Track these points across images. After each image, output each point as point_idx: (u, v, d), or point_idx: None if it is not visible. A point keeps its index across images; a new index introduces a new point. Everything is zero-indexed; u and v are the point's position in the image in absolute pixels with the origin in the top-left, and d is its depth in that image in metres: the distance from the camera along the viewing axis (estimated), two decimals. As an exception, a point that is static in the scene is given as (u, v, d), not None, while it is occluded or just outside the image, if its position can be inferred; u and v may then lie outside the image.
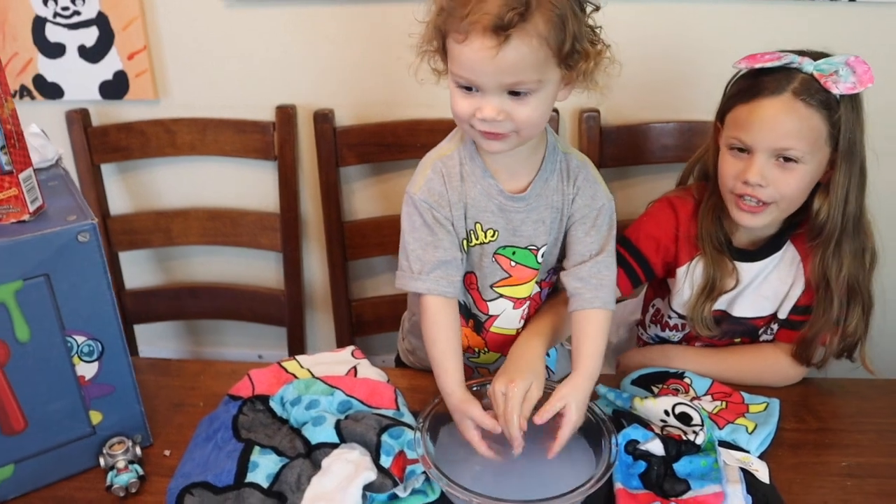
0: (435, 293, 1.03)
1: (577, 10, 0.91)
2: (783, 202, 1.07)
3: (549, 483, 0.89)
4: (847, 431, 1.07)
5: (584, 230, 1.08)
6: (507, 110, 0.92)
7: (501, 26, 0.86)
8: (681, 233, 1.19)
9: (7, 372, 0.93)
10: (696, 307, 1.17)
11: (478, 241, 1.07)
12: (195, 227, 1.72)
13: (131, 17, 1.57)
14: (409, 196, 1.06)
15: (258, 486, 0.91)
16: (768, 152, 1.04)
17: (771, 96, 1.03)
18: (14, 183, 0.90)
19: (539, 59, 0.90)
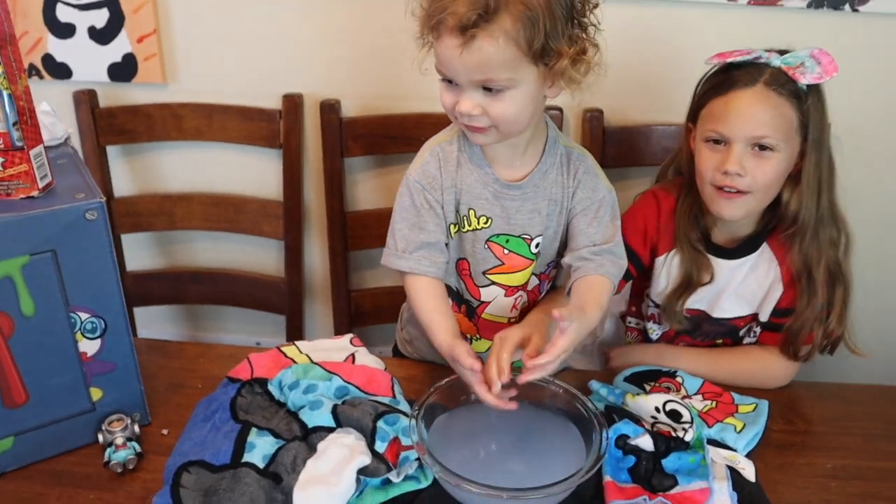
0: (417, 272, 1.07)
1: (559, 9, 0.93)
2: (759, 192, 1.11)
3: (540, 472, 0.91)
4: (834, 434, 1.09)
5: (587, 221, 1.10)
6: (483, 105, 0.96)
7: (465, 26, 0.89)
8: (661, 224, 1.22)
9: (11, 345, 0.94)
10: (671, 300, 1.20)
11: (470, 227, 1.10)
12: (198, 212, 1.73)
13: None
14: (405, 177, 1.10)
15: (254, 466, 0.93)
16: (745, 141, 1.08)
17: (744, 88, 1.08)
18: (25, 159, 0.92)
19: (507, 58, 0.92)
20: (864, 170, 1.51)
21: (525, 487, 0.86)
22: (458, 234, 1.11)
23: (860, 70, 1.44)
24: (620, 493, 0.93)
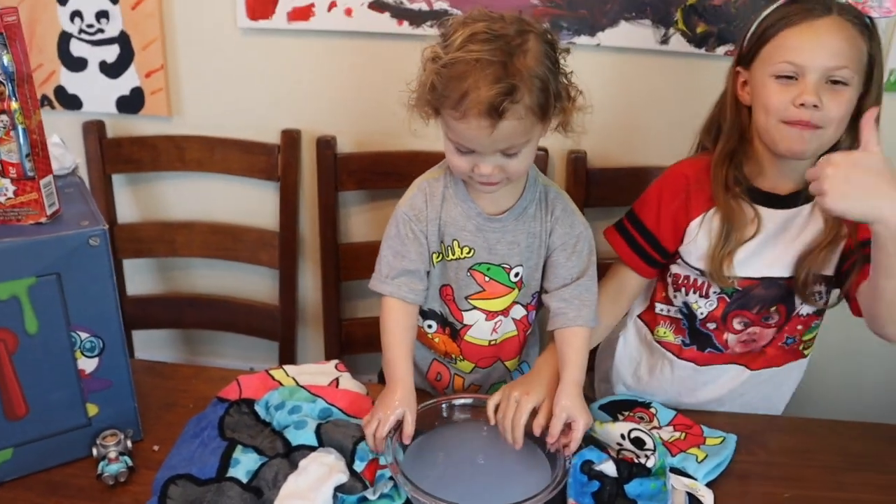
0: (396, 296, 1.15)
1: (553, 67, 1.02)
2: (831, 127, 1.07)
3: (507, 492, 0.96)
4: (793, 466, 1.14)
5: (566, 256, 1.17)
6: (501, 165, 1.05)
7: (494, 110, 0.96)
8: (692, 185, 1.20)
9: (14, 361, 1.00)
10: (715, 258, 1.16)
11: (454, 256, 1.17)
12: (198, 240, 1.80)
13: (152, 37, 1.67)
14: (395, 209, 1.18)
15: (238, 481, 0.99)
16: (821, 72, 1.05)
17: (820, 17, 1.05)
18: (35, 188, 0.99)
19: (527, 125, 1.01)
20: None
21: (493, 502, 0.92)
22: (443, 262, 1.18)
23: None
24: (584, 515, 0.99)
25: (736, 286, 1.20)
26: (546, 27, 1.06)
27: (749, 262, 1.19)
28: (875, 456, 1.16)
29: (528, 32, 1.01)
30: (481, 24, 1.00)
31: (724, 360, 1.29)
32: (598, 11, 1.54)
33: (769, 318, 1.24)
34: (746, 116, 1.18)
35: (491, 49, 0.98)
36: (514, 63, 0.98)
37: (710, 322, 1.25)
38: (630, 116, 1.63)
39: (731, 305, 1.23)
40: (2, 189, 0.98)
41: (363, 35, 1.61)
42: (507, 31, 1.00)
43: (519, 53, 0.99)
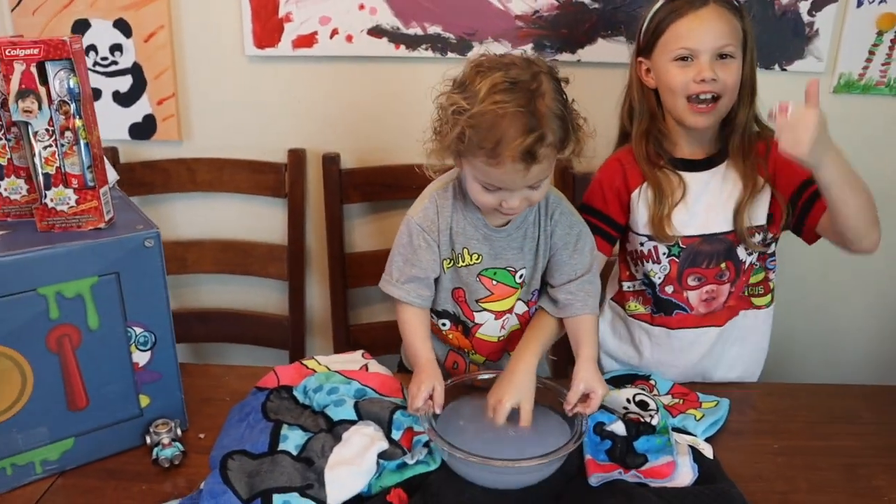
0: (405, 301, 1.26)
1: (564, 101, 1.12)
2: (727, 95, 1.27)
3: (530, 450, 1.07)
4: (780, 422, 1.28)
5: (568, 254, 1.28)
6: (527, 197, 1.15)
7: (530, 155, 1.06)
8: (626, 166, 1.38)
9: (77, 355, 1.10)
10: (655, 221, 1.34)
11: (464, 263, 1.28)
12: (209, 257, 1.90)
13: (164, 67, 1.78)
14: (407, 218, 1.28)
15: (289, 454, 1.09)
16: (710, 52, 1.25)
17: (702, 7, 1.26)
18: (95, 196, 1.10)
19: (552, 161, 1.13)
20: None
21: (522, 458, 1.03)
22: (454, 268, 1.29)
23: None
24: (599, 468, 1.10)
25: (681, 244, 1.36)
26: (550, 63, 1.15)
27: (686, 222, 1.36)
28: (850, 410, 1.31)
29: (540, 73, 1.10)
30: (499, 74, 1.08)
31: (693, 321, 1.41)
32: (577, 30, 1.69)
33: (722, 276, 1.39)
34: (653, 98, 1.37)
35: (515, 98, 1.06)
36: (537, 108, 1.07)
37: (668, 285, 1.40)
38: (610, 125, 1.76)
39: (683, 264, 1.38)
40: (65, 198, 1.09)
41: (363, 59, 1.74)
42: (523, 77, 1.08)
43: (538, 97, 1.07)
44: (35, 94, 1.04)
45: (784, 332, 1.73)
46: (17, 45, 1.02)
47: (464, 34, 1.70)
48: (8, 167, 1.13)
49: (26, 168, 1.13)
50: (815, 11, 1.64)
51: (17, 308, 1.03)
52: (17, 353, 1.05)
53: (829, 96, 1.71)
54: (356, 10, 1.69)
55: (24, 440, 1.09)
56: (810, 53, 1.67)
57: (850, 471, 1.16)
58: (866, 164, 1.74)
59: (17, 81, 1.03)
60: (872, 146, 1.74)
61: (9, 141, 1.11)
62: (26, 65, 1.03)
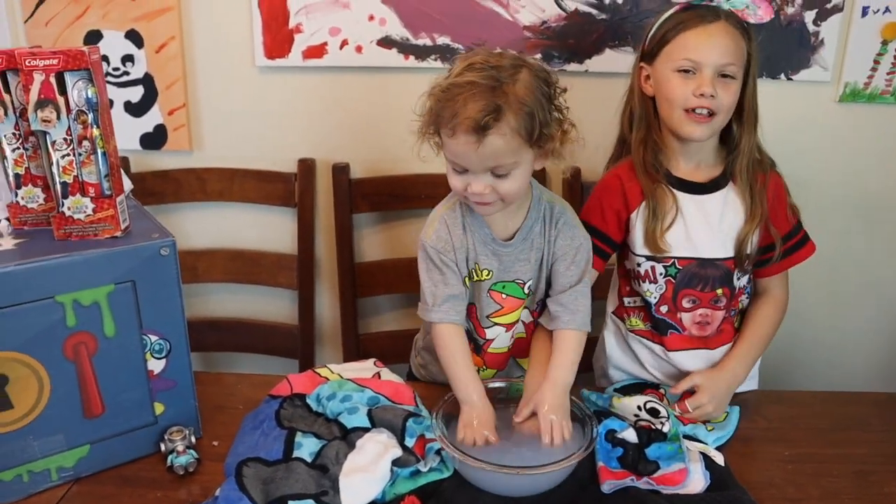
0: (445, 321, 1.24)
1: (545, 100, 1.14)
2: (722, 113, 1.28)
3: (542, 458, 1.08)
4: (789, 429, 1.28)
5: (566, 265, 1.29)
6: (492, 185, 1.15)
7: (479, 127, 1.08)
8: (625, 183, 1.37)
9: (94, 362, 1.11)
10: (649, 236, 1.34)
11: (477, 278, 1.29)
12: (219, 266, 1.91)
13: (174, 77, 1.80)
14: (422, 243, 1.27)
15: (303, 461, 1.10)
16: (713, 68, 1.25)
17: (712, 22, 1.26)
18: (112, 205, 1.11)
19: (513, 147, 1.12)
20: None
21: (536, 465, 1.04)
22: (471, 284, 1.30)
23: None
24: (612, 475, 1.11)
25: (677, 265, 1.36)
26: (544, 66, 1.18)
27: (681, 244, 1.35)
28: (860, 418, 1.32)
29: (523, 67, 1.14)
30: (480, 56, 1.14)
31: (686, 343, 1.40)
32: (585, 41, 1.71)
33: (718, 301, 1.38)
34: (650, 106, 1.36)
35: (483, 75, 1.10)
36: (502, 88, 1.10)
37: (663, 305, 1.39)
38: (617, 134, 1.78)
39: (678, 285, 1.37)
40: (82, 207, 1.10)
41: (372, 70, 1.76)
42: (502, 63, 1.13)
43: (509, 81, 1.11)
44: (54, 104, 1.05)
45: (791, 340, 1.74)
46: (36, 56, 1.04)
47: (472, 45, 1.71)
48: (25, 176, 1.14)
49: (43, 177, 1.15)
50: (820, 21, 1.65)
51: (34, 316, 1.05)
52: (34, 360, 1.06)
53: (835, 105, 1.72)
54: (366, 20, 1.71)
55: (40, 447, 1.10)
56: (816, 63, 1.68)
57: (862, 478, 1.16)
58: (871, 173, 1.77)
59: (37, 91, 1.04)
60: (878, 155, 1.75)
61: (27, 150, 1.13)
62: (45, 75, 1.04)
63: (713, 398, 1.28)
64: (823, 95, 1.71)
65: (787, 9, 1.65)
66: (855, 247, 1.82)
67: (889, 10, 1.63)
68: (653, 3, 1.66)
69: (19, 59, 1.04)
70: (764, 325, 1.40)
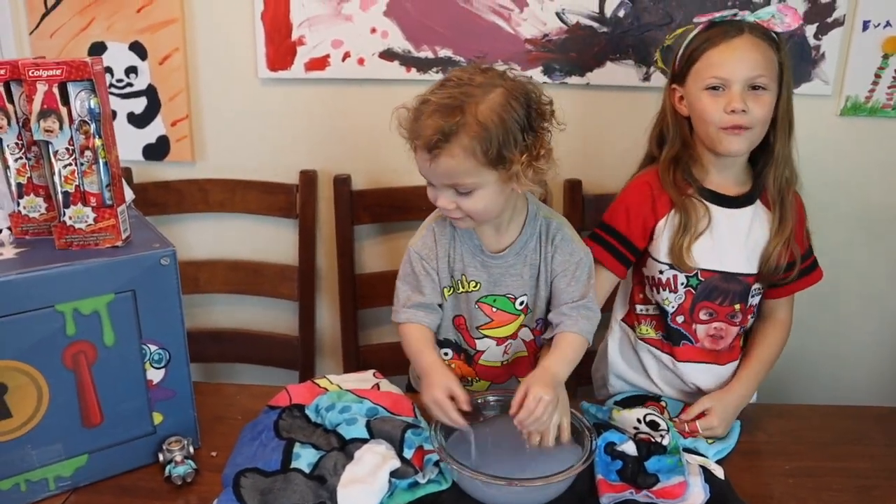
0: (413, 321, 1.26)
1: (512, 123, 1.12)
2: (758, 126, 1.27)
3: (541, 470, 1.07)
4: (790, 443, 1.28)
5: (566, 282, 1.27)
6: (456, 202, 1.17)
7: (430, 147, 1.11)
8: (655, 191, 1.37)
9: (93, 371, 1.11)
10: (675, 248, 1.33)
11: (464, 289, 1.29)
12: (220, 277, 1.92)
13: (178, 89, 1.81)
14: (408, 249, 1.30)
15: (301, 472, 1.09)
16: (743, 82, 1.25)
17: (735, 37, 1.25)
18: (113, 215, 1.12)
19: (467, 167, 1.12)
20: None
21: (532, 477, 1.04)
22: (454, 295, 1.31)
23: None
24: (611, 488, 1.11)
25: (699, 277, 1.36)
26: (530, 86, 1.16)
27: (707, 256, 1.34)
28: (862, 432, 1.31)
29: (498, 87, 1.13)
30: (459, 72, 1.16)
31: (697, 355, 1.40)
32: (586, 54, 1.71)
33: (734, 317, 1.38)
34: (686, 126, 1.36)
35: (450, 93, 1.12)
36: (462, 107, 1.10)
37: (679, 315, 1.39)
38: (619, 147, 1.78)
39: (698, 297, 1.37)
40: (84, 216, 1.11)
41: (375, 82, 1.77)
42: (475, 81, 1.13)
43: (472, 102, 1.10)
44: (56, 114, 1.06)
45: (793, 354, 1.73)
46: (39, 66, 1.04)
47: (474, 57, 1.72)
48: (28, 186, 1.15)
49: (45, 187, 1.15)
50: (821, 35, 1.66)
51: (34, 324, 1.05)
52: (33, 368, 1.06)
53: (836, 119, 1.72)
54: (368, 33, 1.72)
55: (38, 456, 1.10)
56: (817, 76, 1.68)
57: (864, 493, 1.16)
58: (873, 186, 1.76)
59: (40, 101, 1.05)
60: (879, 168, 1.75)
61: (29, 160, 1.13)
62: (48, 85, 1.05)
63: (723, 421, 1.28)
64: (825, 109, 1.71)
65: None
66: (857, 260, 1.82)
67: (890, 25, 1.64)
68: (654, 17, 1.67)
69: (23, 70, 1.05)
70: (770, 347, 1.41)
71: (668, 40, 1.67)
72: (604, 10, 1.67)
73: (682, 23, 1.66)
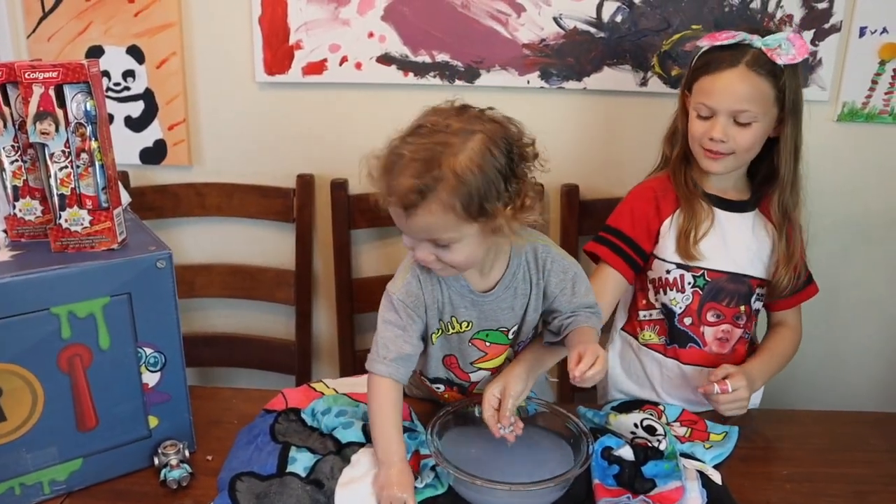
0: (393, 377, 1.15)
1: (494, 173, 1.03)
2: (740, 152, 1.31)
3: (536, 475, 1.07)
4: (788, 449, 1.28)
5: (567, 298, 1.22)
6: (436, 254, 1.08)
7: (406, 205, 1.03)
8: (658, 194, 1.40)
9: (88, 375, 1.10)
10: (681, 244, 1.36)
11: (454, 330, 1.22)
12: (217, 281, 1.91)
13: (175, 93, 1.81)
14: (388, 294, 1.20)
15: (297, 476, 1.09)
16: (727, 114, 1.28)
17: (729, 69, 1.27)
18: (109, 218, 1.11)
19: (446, 222, 1.03)
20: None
21: (529, 481, 1.03)
22: (443, 337, 1.23)
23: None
24: (607, 493, 1.10)
25: (706, 277, 1.37)
26: (509, 126, 1.08)
27: (714, 255, 1.37)
28: (859, 437, 1.31)
29: (476, 133, 1.03)
30: (430, 118, 1.06)
31: (704, 359, 1.41)
32: (583, 59, 1.72)
33: (739, 318, 1.40)
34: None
35: (425, 143, 1.02)
36: (439, 160, 1.00)
37: (687, 317, 1.40)
38: (616, 152, 1.79)
39: (705, 297, 1.39)
40: (79, 219, 1.10)
41: (372, 86, 1.77)
42: (452, 128, 1.03)
43: (449, 154, 1.01)
44: (53, 117, 1.06)
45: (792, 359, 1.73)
46: (36, 69, 1.04)
47: (471, 62, 1.72)
48: (23, 188, 1.14)
49: (41, 189, 1.15)
50: (818, 41, 1.66)
51: (29, 327, 1.04)
52: (28, 372, 1.05)
53: (833, 125, 1.72)
54: (365, 38, 1.72)
55: (32, 460, 1.09)
56: (814, 82, 1.69)
57: (861, 498, 1.15)
58: (870, 192, 1.77)
59: (36, 104, 1.05)
60: (876, 174, 1.76)
61: (25, 162, 1.13)
62: (45, 87, 1.05)
63: (746, 386, 1.28)
64: (821, 115, 1.71)
65: (784, 29, 1.66)
66: (855, 265, 1.82)
67: (887, 31, 1.64)
68: (652, 22, 1.67)
69: (19, 72, 1.05)
70: (783, 342, 1.45)
71: (665, 46, 1.68)
72: (601, 15, 1.68)
73: (679, 28, 1.67)
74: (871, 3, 1.62)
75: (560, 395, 1.75)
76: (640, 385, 1.48)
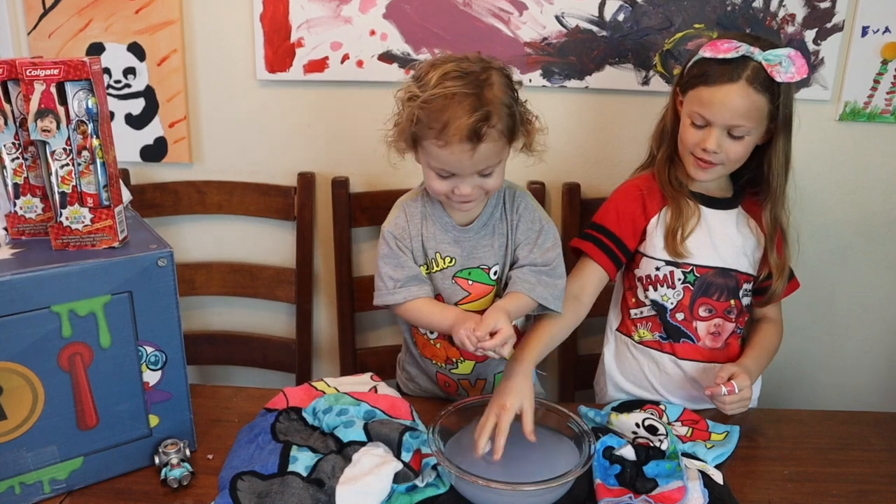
0: (412, 297, 1.28)
1: (514, 96, 1.20)
2: (729, 163, 1.34)
3: (539, 475, 1.07)
4: (789, 448, 1.28)
5: (528, 248, 1.31)
6: (479, 184, 1.21)
7: (476, 136, 1.13)
8: (644, 192, 1.42)
9: (89, 373, 1.10)
10: (669, 241, 1.38)
11: (439, 267, 1.31)
12: (217, 279, 1.91)
13: (176, 90, 1.80)
14: (382, 230, 1.34)
15: (299, 475, 1.09)
16: (721, 127, 1.29)
17: (728, 83, 1.27)
18: (110, 215, 1.11)
19: (500, 147, 1.19)
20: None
21: (530, 481, 1.03)
22: (429, 275, 1.33)
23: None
24: (609, 492, 1.10)
25: (696, 273, 1.39)
26: (502, 64, 1.22)
27: (702, 251, 1.39)
28: (861, 436, 1.31)
29: (491, 69, 1.18)
30: (451, 65, 1.17)
31: (698, 353, 1.42)
32: (585, 58, 1.71)
33: (730, 312, 1.42)
34: (678, 127, 1.40)
35: (463, 83, 1.14)
36: (484, 94, 1.14)
37: (679, 312, 1.41)
38: (617, 151, 1.79)
39: (696, 293, 1.40)
40: (80, 217, 1.10)
41: (373, 84, 1.76)
42: (473, 69, 1.16)
43: (487, 86, 1.15)
44: (54, 114, 1.05)
45: (791, 359, 1.74)
46: (37, 66, 1.04)
47: (470, 59, 1.72)
48: (24, 186, 1.14)
49: (42, 187, 1.15)
50: (820, 40, 1.66)
51: (30, 325, 1.04)
52: (29, 370, 1.05)
53: (835, 124, 1.72)
54: (367, 35, 1.72)
55: (33, 459, 1.09)
56: (816, 82, 1.68)
57: (862, 497, 1.15)
58: (871, 192, 1.76)
59: (37, 101, 1.04)
60: (878, 174, 1.75)
61: (26, 160, 1.13)
62: (46, 85, 1.04)
63: (750, 385, 1.31)
64: (823, 114, 1.71)
65: (787, 28, 1.65)
66: (855, 265, 1.82)
67: (889, 30, 1.64)
68: (654, 21, 1.67)
69: (20, 69, 1.04)
70: (768, 335, 1.46)
71: (667, 45, 1.68)
72: (603, 14, 1.67)
73: (681, 27, 1.67)
74: (873, 2, 1.62)
75: (560, 396, 1.76)
76: (638, 384, 1.48)
